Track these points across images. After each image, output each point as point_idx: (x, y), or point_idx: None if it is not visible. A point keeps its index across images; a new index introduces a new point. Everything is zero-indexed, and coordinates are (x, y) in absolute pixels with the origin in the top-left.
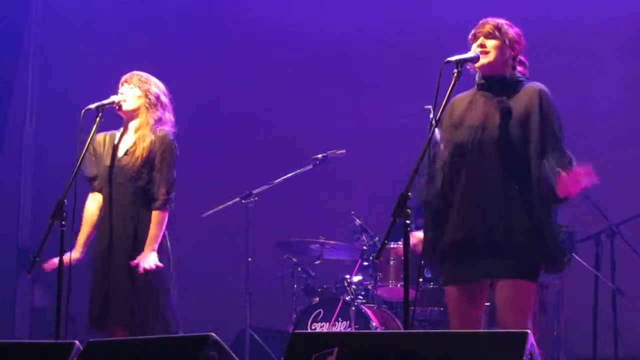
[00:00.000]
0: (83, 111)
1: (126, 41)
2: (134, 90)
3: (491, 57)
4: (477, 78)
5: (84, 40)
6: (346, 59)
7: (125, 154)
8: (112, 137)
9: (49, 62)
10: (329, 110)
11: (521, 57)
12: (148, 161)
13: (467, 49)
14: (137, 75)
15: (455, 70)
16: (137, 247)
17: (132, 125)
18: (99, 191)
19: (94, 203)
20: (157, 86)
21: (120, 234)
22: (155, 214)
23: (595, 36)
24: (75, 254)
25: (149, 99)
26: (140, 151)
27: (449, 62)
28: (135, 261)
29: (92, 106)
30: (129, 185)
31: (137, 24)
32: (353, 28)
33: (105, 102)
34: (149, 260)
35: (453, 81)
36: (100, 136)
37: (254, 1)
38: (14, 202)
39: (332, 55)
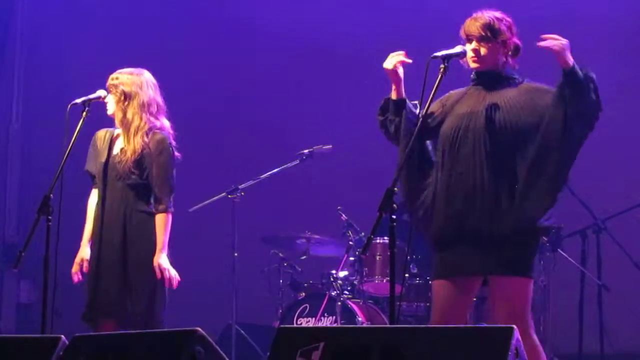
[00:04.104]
0: (69, 106)
1: (112, 38)
2: (119, 98)
3: (484, 61)
4: (472, 74)
5: (70, 36)
6: (333, 55)
7: (119, 152)
8: (111, 134)
9: (36, 58)
10: (315, 106)
11: (515, 40)
12: (140, 162)
13: (456, 44)
14: (126, 78)
15: (442, 66)
16: (126, 245)
17: (124, 126)
18: None
19: (96, 199)
20: (147, 87)
21: (110, 232)
22: (159, 218)
23: (586, 34)
24: (83, 253)
25: (139, 103)
26: (132, 151)
27: (435, 57)
28: (156, 266)
29: (79, 101)
30: (119, 183)
31: (123, 21)
32: (339, 25)
33: (91, 96)
34: (163, 263)
35: (440, 76)
36: (102, 132)
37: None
38: (0, 197)
39: (318, 51)
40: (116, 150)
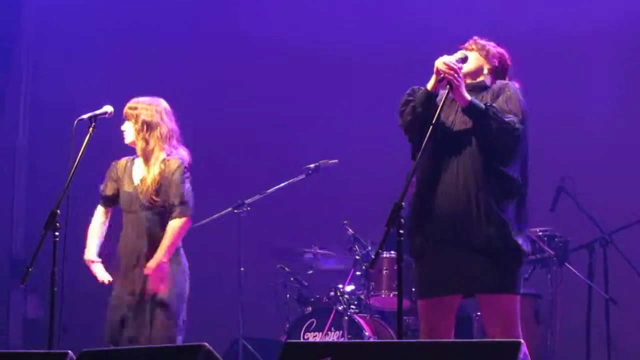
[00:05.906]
0: (76, 121)
1: (119, 53)
2: (141, 127)
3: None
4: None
5: (77, 51)
6: (338, 69)
7: (140, 182)
8: (132, 164)
9: (42, 73)
10: (321, 120)
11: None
12: (159, 189)
13: (453, 52)
14: (146, 108)
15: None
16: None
17: (144, 155)
18: (108, 206)
19: (101, 217)
20: (167, 117)
21: (136, 257)
22: (170, 223)
23: (588, 41)
24: (90, 256)
25: (161, 134)
26: (152, 180)
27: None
28: (146, 271)
29: (85, 116)
30: (143, 212)
31: (130, 36)
32: (343, 38)
33: (98, 112)
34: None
35: (446, 92)
36: (122, 161)
37: (245, 13)
38: (7, 213)
39: (324, 65)
40: (136, 179)
